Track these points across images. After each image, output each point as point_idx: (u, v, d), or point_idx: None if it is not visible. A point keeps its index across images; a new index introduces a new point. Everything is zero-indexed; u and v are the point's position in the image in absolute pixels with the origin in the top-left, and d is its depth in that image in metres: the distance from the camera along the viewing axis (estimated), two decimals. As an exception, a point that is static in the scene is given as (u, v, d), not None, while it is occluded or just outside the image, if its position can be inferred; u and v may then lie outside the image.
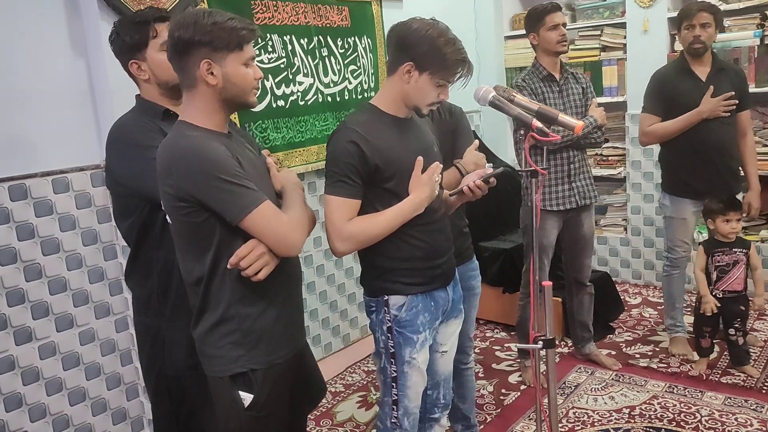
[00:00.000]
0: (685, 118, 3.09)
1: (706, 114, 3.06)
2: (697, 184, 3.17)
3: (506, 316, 3.90)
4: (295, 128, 3.29)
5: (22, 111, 2.37)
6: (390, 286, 1.93)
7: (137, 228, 1.86)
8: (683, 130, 3.11)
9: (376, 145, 1.82)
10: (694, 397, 2.98)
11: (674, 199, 3.26)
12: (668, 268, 3.37)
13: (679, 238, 3.29)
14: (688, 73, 3.15)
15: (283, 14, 3.20)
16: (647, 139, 3.28)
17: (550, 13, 2.97)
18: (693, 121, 3.08)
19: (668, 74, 3.21)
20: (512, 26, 4.79)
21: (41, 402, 2.47)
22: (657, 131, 3.19)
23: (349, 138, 1.81)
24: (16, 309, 2.39)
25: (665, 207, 3.33)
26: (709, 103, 3.05)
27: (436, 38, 1.79)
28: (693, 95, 3.10)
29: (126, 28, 1.85)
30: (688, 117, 3.08)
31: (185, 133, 1.56)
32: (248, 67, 1.60)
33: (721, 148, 3.14)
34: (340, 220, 1.82)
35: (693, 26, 3.06)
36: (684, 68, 3.16)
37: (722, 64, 3.21)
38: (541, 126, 1.88)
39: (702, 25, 3.06)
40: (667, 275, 3.39)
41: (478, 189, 1.94)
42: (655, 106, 3.19)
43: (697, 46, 3.08)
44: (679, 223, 3.27)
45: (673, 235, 3.31)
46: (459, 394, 2.57)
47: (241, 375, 1.64)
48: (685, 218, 3.25)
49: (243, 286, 1.61)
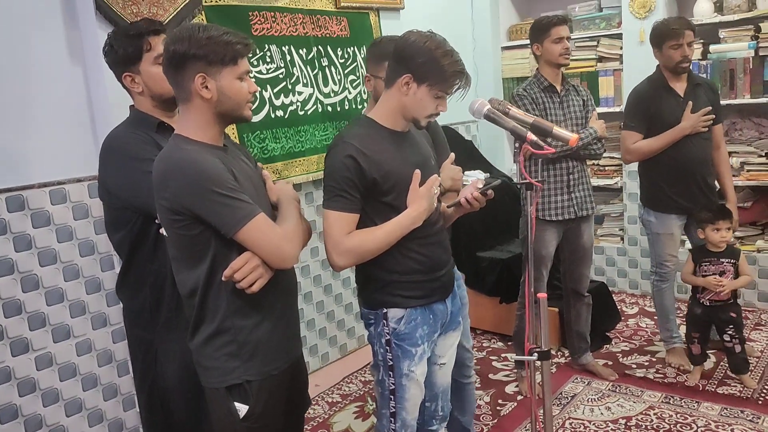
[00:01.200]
0: (668, 134, 3.11)
1: (689, 130, 3.08)
2: (681, 199, 3.19)
3: (503, 326, 3.90)
4: (294, 138, 3.30)
5: (20, 122, 2.39)
6: (389, 299, 1.93)
7: (129, 240, 1.86)
8: (667, 146, 3.12)
9: (374, 158, 1.82)
10: (690, 408, 2.98)
11: (660, 216, 3.27)
12: (658, 282, 3.37)
13: (667, 252, 3.30)
14: (667, 90, 3.16)
15: (281, 25, 3.22)
16: (631, 157, 3.29)
17: (555, 26, 3.00)
18: (676, 138, 3.10)
19: (649, 91, 3.20)
20: (509, 37, 4.82)
21: (37, 413, 2.47)
22: (641, 149, 3.20)
23: (346, 152, 1.81)
24: (12, 320, 2.39)
25: (650, 223, 3.32)
26: (691, 119, 3.07)
27: (434, 50, 1.80)
28: (674, 112, 3.12)
29: (120, 40, 1.86)
30: (671, 133, 3.10)
31: (180, 147, 1.58)
32: (243, 80, 1.62)
33: (702, 162, 3.17)
34: (339, 235, 1.82)
35: (680, 45, 3.06)
36: (663, 85, 3.17)
37: (697, 79, 3.23)
38: (535, 139, 1.89)
39: (689, 44, 3.07)
40: (657, 290, 3.39)
41: (476, 201, 1.95)
42: (637, 124, 3.20)
43: (686, 65, 3.10)
44: (667, 238, 3.28)
45: (661, 251, 3.31)
46: (459, 407, 2.55)
47: (236, 386, 1.65)
48: (672, 233, 3.27)
49: (238, 298, 1.62)
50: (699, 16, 4.00)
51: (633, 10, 4.14)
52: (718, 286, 3.03)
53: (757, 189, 4.07)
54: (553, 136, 2.04)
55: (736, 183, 3.78)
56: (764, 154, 3.93)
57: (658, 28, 3.14)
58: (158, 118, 1.89)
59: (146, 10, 2.57)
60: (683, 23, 3.10)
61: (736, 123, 4.12)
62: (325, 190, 1.86)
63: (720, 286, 3.03)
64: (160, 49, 1.80)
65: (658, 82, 3.19)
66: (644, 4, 4.10)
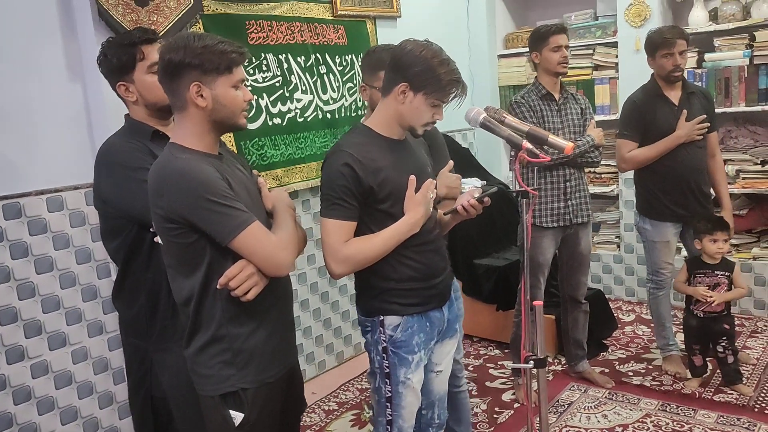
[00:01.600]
0: (663, 143, 3.12)
1: (684, 138, 3.09)
2: (676, 207, 3.20)
3: (499, 334, 3.90)
4: (294, 145, 3.31)
5: (17, 129, 2.39)
6: (386, 307, 1.94)
7: (125, 249, 1.87)
8: (662, 155, 3.13)
9: (371, 166, 1.83)
10: (687, 416, 2.98)
11: (655, 224, 3.27)
12: (654, 290, 3.38)
13: (663, 260, 3.30)
14: (662, 98, 3.17)
15: (278, 33, 3.23)
16: (627, 166, 3.30)
17: (554, 34, 3.01)
18: (671, 146, 3.11)
19: (643, 100, 3.21)
20: (505, 45, 4.84)
21: (33, 421, 2.46)
22: (637, 157, 3.21)
23: (343, 160, 1.82)
24: (8, 328, 2.39)
25: (646, 231, 3.33)
26: (686, 128, 3.09)
27: (430, 59, 1.81)
28: (669, 120, 3.13)
29: (113, 49, 1.87)
30: (666, 142, 3.11)
31: (175, 155, 1.58)
32: (238, 89, 1.63)
33: (697, 170, 3.18)
34: (337, 243, 1.83)
35: (672, 54, 3.07)
36: (658, 93, 3.18)
37: (692, 88, 3.25)
38: (531, 147, 1.90)
39: (681, 53, 3.08)
40: (653, 297, 3.40)
41: (473, 208, 1.96)
42: (632, 132, 3.21)
43: (678, 74, 3.12)
44: (663, 246, 3.28)
45: (657, 258, 3.32)
46: (454, 417, 2.55)
47: (231, 394, 1.65)
48: (668, 241, 3.27)
49: (234, 306, 1.62)
50: (694, 24, 4.03)
51: (628, 19, 4.17)
52: (707, 298, 3.04)
53: (753, 197, 4.08)
54: (549, 145, 2.04)
55: (732, 191, 3.80)
56: (759, 161, 3.95)
57: (651, 37, 3.16)
58: (153, 126, 1.89)
59: (146, 18, 2.58)
60: (676, 32, 3.11)
61: (732, 131, 4.14)
62: (323, 199, 1.87)
63: (709, 298, 3.04)
64: (153, 57, 1.81)
65: (652, 91, 3.21)
66: (639, 13, 4.13)
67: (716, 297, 3.05)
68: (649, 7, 4.09)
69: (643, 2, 4.10)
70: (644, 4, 4.10)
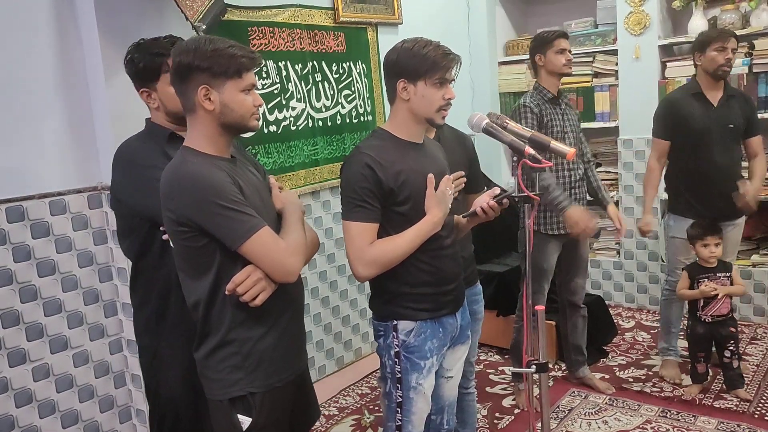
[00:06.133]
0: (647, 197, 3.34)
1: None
2: (699, 205, 3.20)
3: (500, 339, 3.90)
4: (285, 153, 3.32)
5: (20, 133, 2.40)
6: (399, 311, 1.94)
7: (136, 247, 1.88)
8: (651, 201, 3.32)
9: (390, 169, 1.84)
10: (687, 422, 2.99)
11: (677, 219, 3.29)
12: (667, 292, 3.38)
13: (678, 258, 3.30)
14: (699, 97, 3.17)
15: (279, 40, 3.24)
16: (646, 172, 3.38)
17: (559, 38, 3.05)
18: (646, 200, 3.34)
19: (680, 97, 3.23)
20: (506, 52, 4.86)
21: (34, 424, 2.46)
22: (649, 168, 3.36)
23: (363, 162, 1.83)
24: (10, 330, 2.39)
25: (670, 227, 3.35)
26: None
27: (411, 48, 1.86)
28: (703, 119, 3.13)
29: (141, 55, 1.87)
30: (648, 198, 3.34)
31: (187, 159, 1.59)
32: (248, 94, 1.63)
33: (724, 170, 3.16)
34: (362, 245, 1.83)
35: (725, 49, 3.07)
36: (696, 92, 3.19)
37: (733, 91, 3.24)
38: (533, 153, 1.91)
39: (732, 50, 3.09)
40: (666, 299, 3.40)
41: (492, 210, 1.96)
42: (663, 131, 3.23)
43: (726, 69, 3.10)
44: (680, 243, 3.27)
45: (673, 256, 3.33)
46: (460, 419, 2.55)
47: (240, 398, 1.64)
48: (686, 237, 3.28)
49: (243, 310, 1.62)
50: (693, 33, 4.04)
51: (628, 27, 4.19)
52: (712, 290, 3.05)
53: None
54: (551, 150, 2.05)
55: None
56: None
57: (704, 33, 3.20)
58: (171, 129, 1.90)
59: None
60: (729, 31, 3.16)
61: (731, 138, 4.15)
62: (344, 202, 1.87)
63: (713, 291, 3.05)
64: None
65: (691, 89, 3.22)
66: (639, 21, 4.15)
67: (720, 289, 3.07)
68: (648, 16, 4.12)
69: (642, 11, 4.13)
70: (644, 12, 4.13)
